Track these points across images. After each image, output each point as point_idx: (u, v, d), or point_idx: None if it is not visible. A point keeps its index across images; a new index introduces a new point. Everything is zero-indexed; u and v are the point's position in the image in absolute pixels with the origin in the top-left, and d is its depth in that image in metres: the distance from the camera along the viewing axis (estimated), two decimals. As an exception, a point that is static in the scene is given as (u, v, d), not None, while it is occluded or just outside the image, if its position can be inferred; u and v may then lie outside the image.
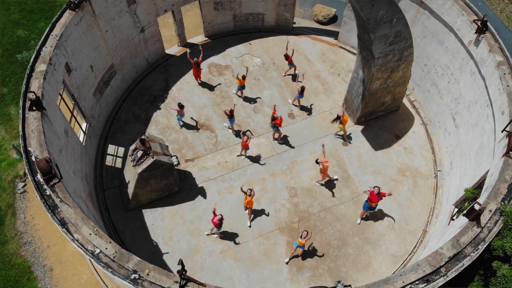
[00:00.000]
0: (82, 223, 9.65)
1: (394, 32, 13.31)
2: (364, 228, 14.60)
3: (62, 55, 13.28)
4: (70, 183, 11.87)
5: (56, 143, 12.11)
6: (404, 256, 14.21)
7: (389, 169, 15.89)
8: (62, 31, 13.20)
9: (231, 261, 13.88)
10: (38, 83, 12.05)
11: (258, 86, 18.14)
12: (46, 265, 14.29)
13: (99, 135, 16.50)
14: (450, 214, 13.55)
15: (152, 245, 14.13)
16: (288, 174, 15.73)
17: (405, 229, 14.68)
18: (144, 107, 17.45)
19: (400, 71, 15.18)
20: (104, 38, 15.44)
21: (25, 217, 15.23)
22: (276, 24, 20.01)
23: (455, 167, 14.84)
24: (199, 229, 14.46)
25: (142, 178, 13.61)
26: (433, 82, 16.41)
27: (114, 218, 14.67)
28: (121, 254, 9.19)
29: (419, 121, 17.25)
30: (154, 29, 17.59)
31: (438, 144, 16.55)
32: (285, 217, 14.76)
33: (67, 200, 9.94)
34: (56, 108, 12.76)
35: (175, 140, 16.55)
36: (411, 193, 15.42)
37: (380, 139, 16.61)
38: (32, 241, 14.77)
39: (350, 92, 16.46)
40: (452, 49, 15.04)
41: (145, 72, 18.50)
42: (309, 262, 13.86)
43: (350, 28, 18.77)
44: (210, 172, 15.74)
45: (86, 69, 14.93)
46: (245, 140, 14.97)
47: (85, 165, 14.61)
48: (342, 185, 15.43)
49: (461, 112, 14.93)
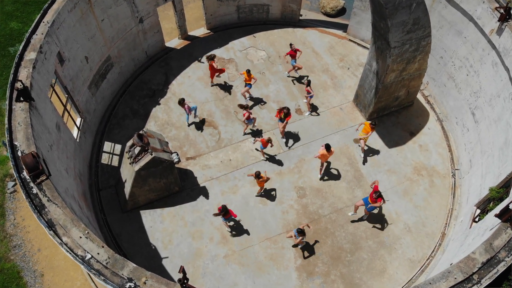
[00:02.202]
0: (71, 225, 8.65)
1: (413, 19, 12.33)
2: (379, 231, 13.60)
3: (54, 43, 12.33)
4: (61, 182, 10.90)
5: (46, 137, 11.14)
6: (422, 260, 13.22)
7: (403, 168, 14.90)
8: (54, 18, 12.26)
9: (235, 266, 12.88)
10: (27, 72, 11.10)
11: (264, 80, 17.16)
12: (36, 270, 13.33)
13: (94, 131, 15.53)
14: (471, 215, 12.66)
15: (151, 248, 13.16)
16: (296, 173, 14.74)
17: (422, 231, 13.68)
18: (143, 102, 16.48)
19: (416, 63, 14.22)
20: (100, 28, 14.49)
21: (15, 219, 14.26)
22: (282, 16, 19.06)
23: (475, 165, 13.88)
24: (201, 232, 13.46)
25: (139, 176, 12.63)
26: (449, 76, 15.45)
27: (110, 219, 13.71)
28: (115, 260, 8.18)
29: (434, 117, 16.27)
30: (153, 19, 16.63)
31: (455, 142, 15.58)
32: (294, 219, 13.76)
33: (56, 200, 8.94)
34: (47, 100, 11.80)
35: (175, 137, 15.58)
36: (427, 193, 14.42)
37: (393, 136, 15.63)
38: (22, 244, 13.81)
39: (362, 86, 15.48)
40: (471, 40, 14.10)
41: (144, 65, 17.54)
42: (320, 268, 12.85)
43: (360, 20, 17.83)
44: (212, 171, 14.77)
45: (81, 60, 13.98)
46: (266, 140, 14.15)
47: (79, 162, 13.65)
48: (354, 184, 14.43)
49: (481, 107, 13.97)
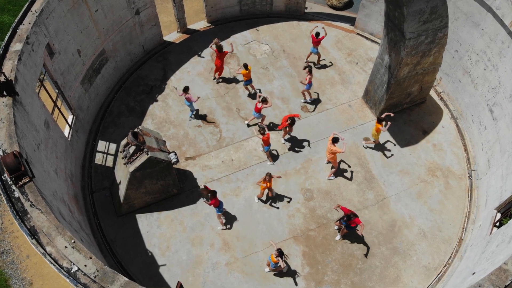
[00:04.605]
0: (56, 233, 7.73)
1: (430, 7, 11.41)
2: (392, 236, 12.68)
3: (43, 34, 11.40)
4: (48, 184, 9.99)
5: (33, 136, 10.23)
6: (439, 268, 12.31)
7: (417, 169, 13.98)
8: (42, 7, 11.33)
9: (238, 275, 11.96)
10: (11, 64, 10.19)
11: (267, 76, 16.23)
12: (25, 278, 12.41)
13: (88, 130, 14.60)
14: (492, 220, 11.75)
15: (147, 255, 12.24)
16: (302, 174, 13.81)
17: (438, 237, 12.77)
18: (139, 99, 15.55)
19: (432, 56, 13.29)
20: (93, 19, 13.56)
21: (2, 223, 13.34)
22: (286, 8, 18.12)
23: (494, 166, 12.96)
24: (201, 238, 12.54)
25: (134, 178, 11.71)
26: (465, 71, 14.52)
27: (104, 224, 12.80)
28: (104, 273, 7.26)
29: (448, 115, 15.35)
30: (151, 11, 15.70)
31: (471, 140, 14.65)
32: (300, 223, 12.84)
33: (39, 204, 8.02)
34: (34, 96, 10.88)
35: (174, 136, 14.65)
36: (443, 196, 13.50)
37: (406, 135, 14.70)
38: (10, 251, 12.89)
39: (372, 81, 14.55)
40: (489, 32, 13.17)
41: (141, 60, 16.59)
42: (329, 276, 11.93)
43: (369, 12, 16.90)
44: (213, 171, 13.85)
45: (73, 53, 13.04)
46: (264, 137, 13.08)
47: (71, 163, 12.73)
48: (365, 186, 13.50)
49: (500, 103, 13.04)
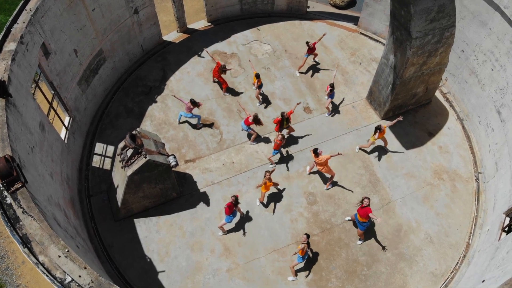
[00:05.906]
0: (49, 242, 7.38)
1: (438, 5, 11.06)
2: (398, 241, 12.33)
3: (38, 33, 11.05)
4: (43, 188, 9.65)
5: (27, 139, 9.88)
6: (446, 274, 11.96)
7: (423, 172, 13.63)
8: (37, 5, 10.99)
9: (239, 282, 11.61)
10: (5, 64, 9.84)
11: (269, 76, 15.88)
12: (20, 284, 12.07)
13: (85, 132, 14.25)
14: (500, 224, 11.40)
15: (146, 261, 11.89)
16: (305, 177, 13.46)
17: (445, 242, 12.42)
18: (138, 100, 15.20)
19: (438, 56, 12.95)
20: (90, 18, 13.21)
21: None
22: (288, 7, 17.78)
23: (502, 169, 12.61)
24: (201, 243, 12.19)
25: (132, 182, 11.36)
26: (472, 71, 14.17)
27: (101, 229, 12.45)
28: (99, 285, 6.91)
29: (454, 116, 15.00)
30: (149, 10, 15.35)
31: (478, 142, 14.31)
32: (303, 228, 12.49)
33: (32, 211, 7.67)
34: (28, 97, 10.52)
35: (173, 138, 14.31)
36: (449, 199, 13.16)
37: (411, 137, 14.36)
38: (5, 256, 12.55)
39: (377, 82, 14.20)
40: (497, 31, 12.83)
41: (140, 60, 16.25)
42: (333, 283, 11.58)
43: (373, 11, 16.56)
44: (214, 174, 13.50)
45: (69, 53, 12.70)
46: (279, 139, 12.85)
47: (67, 166, 12.38)
48: (370, 190, 13.15)
49: (509, 104, 12.71)
